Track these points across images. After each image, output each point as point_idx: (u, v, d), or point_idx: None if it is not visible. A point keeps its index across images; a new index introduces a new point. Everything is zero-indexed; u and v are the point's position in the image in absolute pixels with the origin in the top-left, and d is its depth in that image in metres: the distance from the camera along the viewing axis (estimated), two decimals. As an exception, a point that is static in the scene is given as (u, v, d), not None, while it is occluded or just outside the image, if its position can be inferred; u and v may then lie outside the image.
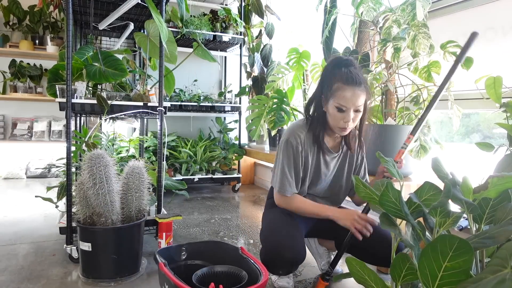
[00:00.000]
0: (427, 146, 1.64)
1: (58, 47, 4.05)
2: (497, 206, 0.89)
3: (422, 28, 1.66)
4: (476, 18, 1.89)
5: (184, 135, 3.88)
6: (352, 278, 0.97)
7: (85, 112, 1.99)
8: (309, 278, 1.71)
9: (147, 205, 1.76)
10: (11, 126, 4.17)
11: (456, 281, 0.71)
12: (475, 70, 1.77)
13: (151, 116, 2.11)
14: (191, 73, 3.94)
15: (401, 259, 0.85)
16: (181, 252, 1.47)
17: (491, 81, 1.38)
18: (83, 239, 1.59)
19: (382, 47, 1.73)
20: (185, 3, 2.27)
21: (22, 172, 4.04)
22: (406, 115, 1.84)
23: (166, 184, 2.17)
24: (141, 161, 1.74)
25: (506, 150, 1.20)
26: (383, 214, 0.93)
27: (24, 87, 4.06)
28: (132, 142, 2.83)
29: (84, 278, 1.62)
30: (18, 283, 1.58)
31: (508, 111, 1.28)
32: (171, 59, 2.17)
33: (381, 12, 1.93)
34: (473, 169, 1.94)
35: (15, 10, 3.95)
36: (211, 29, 3.42)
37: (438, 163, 0.99)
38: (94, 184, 1.55)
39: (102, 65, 1.96)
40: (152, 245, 2.06)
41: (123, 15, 2.18)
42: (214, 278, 1.29)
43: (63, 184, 1.84)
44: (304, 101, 2.91)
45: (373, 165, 1.82)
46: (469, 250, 0.69)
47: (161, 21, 1.81)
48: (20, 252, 1.92)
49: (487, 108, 1.85)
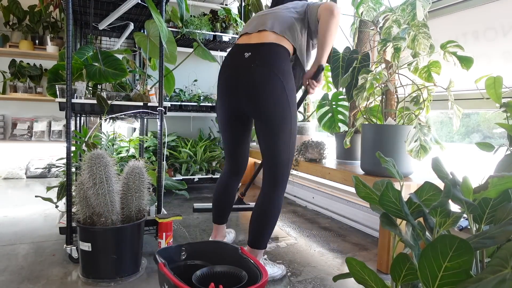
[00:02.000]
0: (427, 146, 1.64)
1: (58, 47, 4.06)
2: (497, 206, 0.89)
3: (422, 28, 1.66)
4: (476, 18, 1.89)
5: (184, 135, 3.88)
6: (352, 278, 0.97)
7: (85, 112, 1.99)
8: (309, 278, 1.72)
9: (147, 205, 1.76)
10: (11, 126, 4.17)
11: (456, 281, 0.71)
12: (475, 70, 1.77)
13: (151, 116, 2.11)
14: (191, 73, 3.94)
15: (401, 259, 0.85)
16: (181, 252, 1.47)
17: (491, 81, 1.38)
18: (83, 239, 1.59)
19: (382, 47, 1.73)
20: (185, 3, 2.27)
21: (22, 172, 4.04)
22: (406, 115, 1.84)
23: (166, 184, 2.17)
24: (141, 161, 1.74)
25: (506, 150, 1.20)
26: (383, 214, 0.93)
27: (24, 87, 4.06)
28: (132, 142, 2.83)
29: (84, 278, 1.62)
30: (18, 283, 1.58)
31: (508, 111, 1.28)
32: (171, 59, 2.17)
33: (381, 12, 1.93)
34: (473, 169, 1.94)
35: (15, 10, 3.95)
36: (211, 29, 3.42)
37: (438, 163, 0.99)
38: (94, 184, 1.55)
39: (102, 65, 1.96)
40: (152, 245, 2.06)
41: (123, 15, 2.18)
42: (214, 278, 1.29)
43: (63, 184, 1.84)
44: (304, 101, 2.91)
45: (373, 165, 1.82)
46: (469, 250, 0.69)
47: (161, 21, 1.81)
48: (20, 252, 1.92)
49: (487, 108, 1.85)
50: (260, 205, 1.66)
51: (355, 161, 2.31)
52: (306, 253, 2.02)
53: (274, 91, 1.55)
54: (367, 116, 1.98)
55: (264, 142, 1.63)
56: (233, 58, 1.66)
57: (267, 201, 1.65)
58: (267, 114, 1.57)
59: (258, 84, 1.55)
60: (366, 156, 1.86)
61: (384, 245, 1.79)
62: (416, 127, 1.66)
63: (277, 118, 1.57)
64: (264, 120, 1.58)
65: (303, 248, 2.11)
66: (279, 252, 2.03)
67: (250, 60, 1.58)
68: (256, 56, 1.58)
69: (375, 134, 1.80)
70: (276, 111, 1.56)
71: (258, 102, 1.57)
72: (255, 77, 1.56)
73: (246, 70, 1.58)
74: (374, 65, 2.03)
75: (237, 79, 1.60)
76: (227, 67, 1.67)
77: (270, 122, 1.58)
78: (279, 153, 1.62)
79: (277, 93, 1.55)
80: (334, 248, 2.12)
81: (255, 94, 1.56)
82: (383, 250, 1.79)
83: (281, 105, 1.57)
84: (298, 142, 2.69)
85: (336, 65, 2.19)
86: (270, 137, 1.60)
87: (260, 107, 1.57)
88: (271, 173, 1.65)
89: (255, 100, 1.57)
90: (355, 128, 2.13)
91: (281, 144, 1.61)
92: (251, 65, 1.57)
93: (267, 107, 1.56)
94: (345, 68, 2.10)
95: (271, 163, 1.64)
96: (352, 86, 2.03)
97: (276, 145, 1.61)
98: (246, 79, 1.58)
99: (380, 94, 1.94)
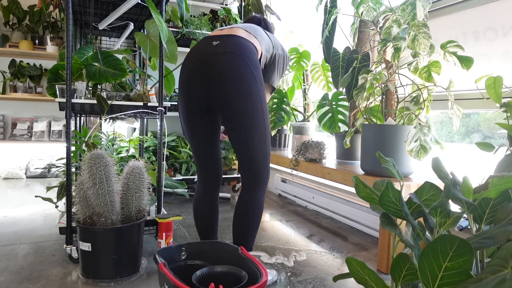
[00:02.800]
0: (427, 146, 1.64)
1: (58, 47, 4.05)
2: (497, 206, 0.89)
3: (422, 28, 1.66)
4: (476, 18, 1.89)
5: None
6: (352, 278, 0.97)
7: (85, 112, 1.98)
8: (309, 278, 1.72)
9: (147, 205, 1.76)
10: (11, 126, 4.16)
11: (456, 281, 0.71)
12: (475, 70, 1.77)
13: (151, 116, 2.11)
14: (191, 73, 3.94)
15: (401, 259, 0.85)
16: (181, 252, 1.47)
17: (491, 81, 1.38)
18: (83, 239, 1.59)
19: (382, 47, 1.73)
20: (185, 3, 2.27)
21: (22, 172, 4.04)
22: (406, 115, 1.84)
23: (166, 184, 2.17)
24: (141, 161, 1.74)
25: (506, 150, 1.20)
26: (383, 214, 0.93)
27: (24, 87, 4.06)
28: (132, 142, 2.83)
29: (84, 278, 1.62)
30: (18, 283, 1.58)
31: (508, 111, 1.28)
32: (171, 59, 2.17)
33: (381, 12, 1.92)
34: (473, 169, 1.94)
35: (15, 10, 3.95)
36: (211, 29, 3.42)
37: (438, 163, 0.99)
38: (94, 184, 1.55)
39: (102, 65, 1.96)
40: (152, 245, 2.06)
41: (123, 15, 2.18)
42: (214, 278, 1.29)
43: (63, 184, 1.84)
44: (304, 101, 2.91)
45: (373, 165, 1.82)
46: (469, 250, 0.69)
47: (161, 21, 1.81)
48: (20, 252, 1.92)
49: (487, 108, 1.85)
50: (240, 207, 1.55)
51: (355, 161, 2.31)
52: (306, 253, 2.02)
53: (244, 79, 1.40)
54: (367, 116, 1.98)
55: (237, 139, 1.46)
56: (199, 47, 1.52)
57: (247, 203, 1.53)
58: (238, 104, 1.40)
59: (227, 69, 1.39)
60: (366, 156, 1.86)
61: (384, 245, 1.79)
62: (416, 127, 1.65)
63: (249, 109, 1.41)
64: (235, 112, 1.41)
65: (303, 248, 2.11)
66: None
67: (218, 47, 1.45)
68: (226, 44, 1.45)
69: (375, 134, 1.80)
70: (248, 101, 1.41)
71: (226, 89, 1.40)
72: (223, 61, 1.40)
73: (213, 55, 1.43)
74: (374, 65, 2.03)
75: (203, 65, 1.43)
76: (192, 55, 1.52)
77: (242, 114, 1.41)
78: (255, 150, 1.47)
79: (247, 81, 1.41)
80: (334, 248, 2.12)
81: (223, 80, 1.40)
82: (383, 250, 1.79)
83: (252, 94, 1.41)
84: (298, 142, 2.69)
85: (336, 65, 2.19)
86: (243, 132, 1.44)
87: (229, 94, 1.40)
88: (249, 173, 1.51)
89: (224, 87, 1.40)
90: (355, 128, 2.13)
91: (256, 139, 1.45)
92: (219, 51, 1.43)
93: (238, 96, 1.40)
94: (345, 68, 2.09)
95: (248, 161, 1.49)
96: (352, 86, 2.02)
97: (251, 140, 1.44)
98: (213, 64, 1.42)
99: (380, 94, 1.94)
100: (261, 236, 2.29)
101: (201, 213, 1.69)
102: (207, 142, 1.59)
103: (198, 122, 1.55)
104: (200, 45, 1.53)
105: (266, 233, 2.36)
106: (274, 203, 3.27)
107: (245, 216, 1.55)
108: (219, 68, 1.41)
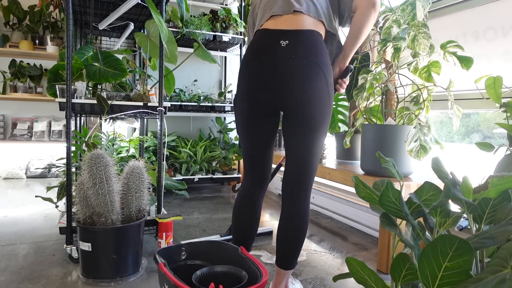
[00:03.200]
0: (427, 146, 1.64)
1: (58, 47, 4.05)
2: (497, 206, 0.89)
3: (422, 28, 1.66)
4: (476, 18, 1.89)
5: (184, 135, 3.88)
6: (352, 278, 0.97)
7: (85, 112, 1.99)
8: (309, 278, 1.72)
9: (147, 205, 1.76)
10: (11, 126, 4.17)
11: (456, 281, 0.71)
12: (475, 70, 1.77)
13: (151, 116, 2.11)
14: (191, 73, 3.94)
15: (401, 259, 0.85)
16: (181, 252, 1.47)
17: (491, 81, 1.38)
18: (83, 239, 1.59)
19: (382, 47, 1.73)
20: (185, 3, 2.27)
21: (22, 172, 4.04)
22: (406, 115, 1.84)
23: (166, 184, 2.17)
24: (141, 161, 1.74)
25: (506, 150, 1.20)
26: (383, 214, 0.93)
27: (24, 87, 4.06)
28: (132, 142, 2.83)
29: (84, 278, 1.62)
30: (18, 283, 1.58)
31: (508, 111, 1.28)
32: (171, 59, 2.17)
33: (381, 12, 1.92)
34: (473, 169, 1.94)
35: (15, 10, 3.95)
36: (211, 29, 3.42)
37: (438, 163, 0.99)
38: (94, 184, 1.55)
39: (102, 65, 1.96)
40: (152, 245, 2.06)
41: (123, 15, 2.18)
42: (214, 278, 1.29)
43: (63, 184, 1.84)
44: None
45: (373, 165, 1.82)
46: (469, 250, 0.69)
47: (161, 21, 1.81)
48: (20, 252, 1.92)
49: (487, 108, 1.85)
50: (287, 220, 1.43)
51: (355, 161, 2.31)
52: (306, 253, 2.02)
53: (319, 88, 1.35)
54: (367, 116, 1.98)
55: (297, 144, 1.40)
56: (264, 46, 1.39)
57: (296, 215, 1.42)
58: (309, 113, 1.35)
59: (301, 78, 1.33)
60: (366, 156, 1.86)
61: (384, 245, 1.79)
62: (416, 127, 1.66)
63: (318, 117, 1.37)
64: (304, 119, 1.36)
65: (303, 248, 2.11)
66: (279, 252, 2.04)
67: (289, 50, 1.34)
68: (297, 46, 1.35)
69: (375, 134, 1.80)
70: (319, 109, 1.36)
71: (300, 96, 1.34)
72: (297, 68, 1.33)
73: (284, 60, 1.34)
74: (374, 65, 2.03)
75: (274, 71, 1.35)
76: (257, 57, 1.40)
77: (310, 122, 1.36)
78: (312, 158, 1.41)
79: (321, 90, 1.36)
80: (334, 248, 2.12)
81: (299, 90, 1.34)
82: (383, 250, 1.79)
83: (324, 102, 1.37)
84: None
85: (336, 65, 2.18)
86: (306, 139, 1.38)
87: (303, 104, 1.34)
88: (298, 181, 1.42)
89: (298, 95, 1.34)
90: (355, 128, 2.13)
91: (316, 148, 1.40)
92: (291, 56, 1.34)
93: (311, 105, 1.35)
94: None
95: (301, 169, 1.41)
96: (352, 86, 2.03)
97: (311, 148, 1.39)
98: (285, 71, 1.34)
99: (380, 94, 1.95)
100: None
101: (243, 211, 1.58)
102: (265, 142, 1.52)
103: (259, 123, 1.47)
104: (265, 43, 1.40)
105: (266, 233, 2.36)
106: (274, 203, 3.27)
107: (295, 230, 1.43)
108: (292, 77, 1.35)
